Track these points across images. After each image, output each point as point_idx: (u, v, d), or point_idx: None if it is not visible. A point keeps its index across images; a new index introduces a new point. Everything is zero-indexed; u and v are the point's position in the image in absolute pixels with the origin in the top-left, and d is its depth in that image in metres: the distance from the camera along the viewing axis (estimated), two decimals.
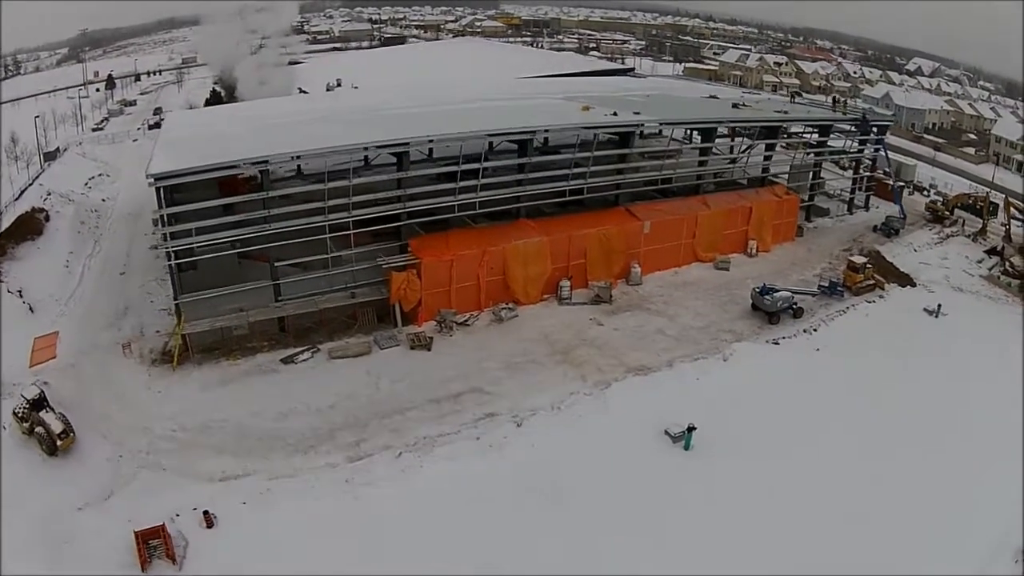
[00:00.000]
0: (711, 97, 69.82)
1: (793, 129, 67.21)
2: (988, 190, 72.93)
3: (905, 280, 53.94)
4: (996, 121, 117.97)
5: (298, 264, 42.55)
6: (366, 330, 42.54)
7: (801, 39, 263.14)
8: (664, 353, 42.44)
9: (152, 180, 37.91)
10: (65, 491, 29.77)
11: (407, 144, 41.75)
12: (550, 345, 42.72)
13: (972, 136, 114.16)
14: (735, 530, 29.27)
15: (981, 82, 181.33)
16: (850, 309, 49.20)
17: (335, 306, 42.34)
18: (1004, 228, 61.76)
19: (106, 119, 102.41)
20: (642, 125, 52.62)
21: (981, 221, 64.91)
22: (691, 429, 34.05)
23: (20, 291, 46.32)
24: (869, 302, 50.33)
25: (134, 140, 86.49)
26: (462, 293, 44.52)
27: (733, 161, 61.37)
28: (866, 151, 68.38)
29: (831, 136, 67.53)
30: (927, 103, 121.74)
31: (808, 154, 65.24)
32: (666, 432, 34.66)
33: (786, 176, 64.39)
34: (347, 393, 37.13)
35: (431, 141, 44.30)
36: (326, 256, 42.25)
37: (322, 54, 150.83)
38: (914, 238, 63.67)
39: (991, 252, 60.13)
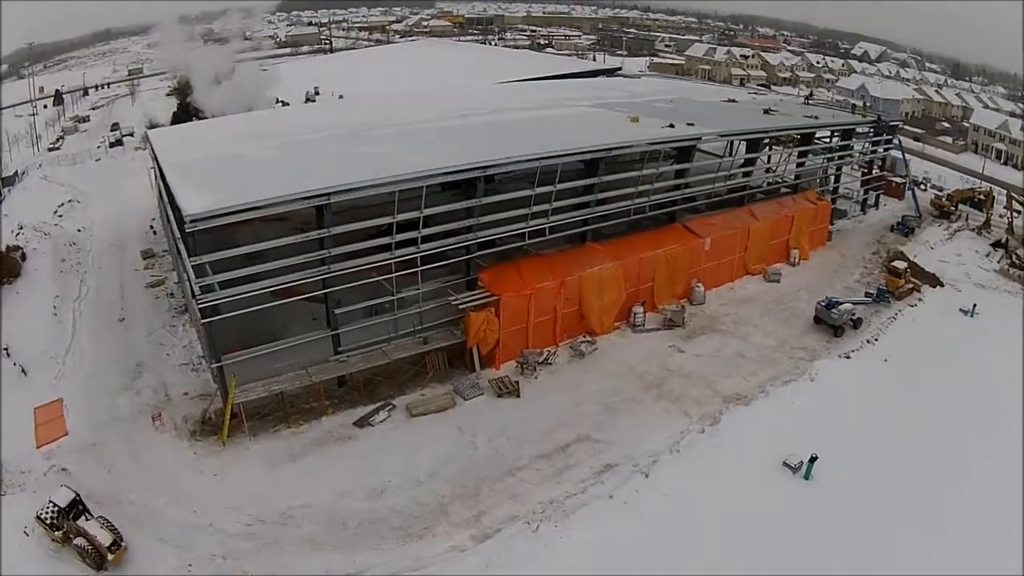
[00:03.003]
0: (730, 100, 67.43)
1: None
2: (990, 185, 73.67)
3: (934, 281, 54.20)
4: (965, 108, 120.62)
5: (357, 309, 37.32)
6: (439, 378, 37.90)
7: (741, 27, 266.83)
8: (751, 377, 40.81)
9: (190, 222, 31.56)
10: None
11: (484, 168, 37.03)
12: (640, 379, 39.57)
13: (945, 125, 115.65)
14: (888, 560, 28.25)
15: (928, 65, 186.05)
16: (898, 315, 49.01)
17: (407, 355, 37.39)
18: (1008, 222, 62.75)
19: (61, 137, 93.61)
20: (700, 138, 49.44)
21: (983, 215, 66.28)
22: (813, 460, 32.53)
23: (7, 349, 39.30)
24: (911, 306, 50.51)
25: (96, 160, 79.02)
26: (538, 329, 40.48)
27: (771, 170, 59.19)
28: (879, 151, 67.43)
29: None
30: (900, 93, 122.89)
31: (830, 157, 63.61)
32: (785, 463, 33.20)
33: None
34: (444, 457, 32.59)
35: (517, 163, 39.41)
36: (392, 298, 37.12)
37: (275, 60, 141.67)
38: (927, 235, 64.23)
39: (996, 245, 61.42)
